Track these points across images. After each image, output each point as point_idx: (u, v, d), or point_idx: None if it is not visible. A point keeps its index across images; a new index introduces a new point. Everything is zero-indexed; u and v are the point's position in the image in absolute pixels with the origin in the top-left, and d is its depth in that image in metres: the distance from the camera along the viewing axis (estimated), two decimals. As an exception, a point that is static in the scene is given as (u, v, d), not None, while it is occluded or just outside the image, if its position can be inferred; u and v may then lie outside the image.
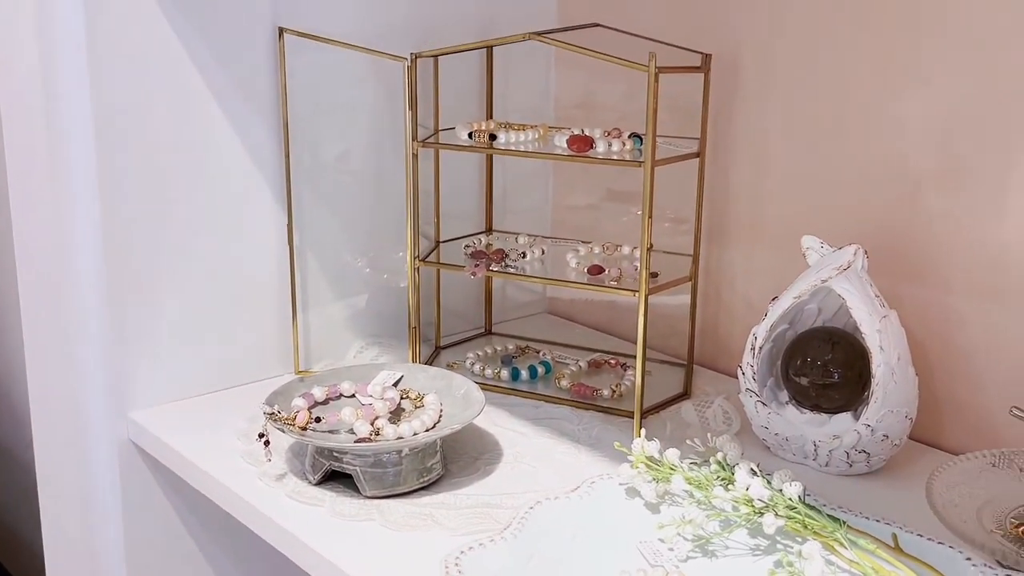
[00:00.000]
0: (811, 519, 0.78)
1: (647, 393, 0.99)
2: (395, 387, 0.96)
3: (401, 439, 0.87)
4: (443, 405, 0.93)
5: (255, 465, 0.92)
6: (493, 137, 1.03)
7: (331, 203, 1.11)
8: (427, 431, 0.88)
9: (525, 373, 1.09)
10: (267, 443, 0.91)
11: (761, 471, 0.83)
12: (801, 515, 0.78)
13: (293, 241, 1.08)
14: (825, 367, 0.92)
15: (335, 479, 0.88)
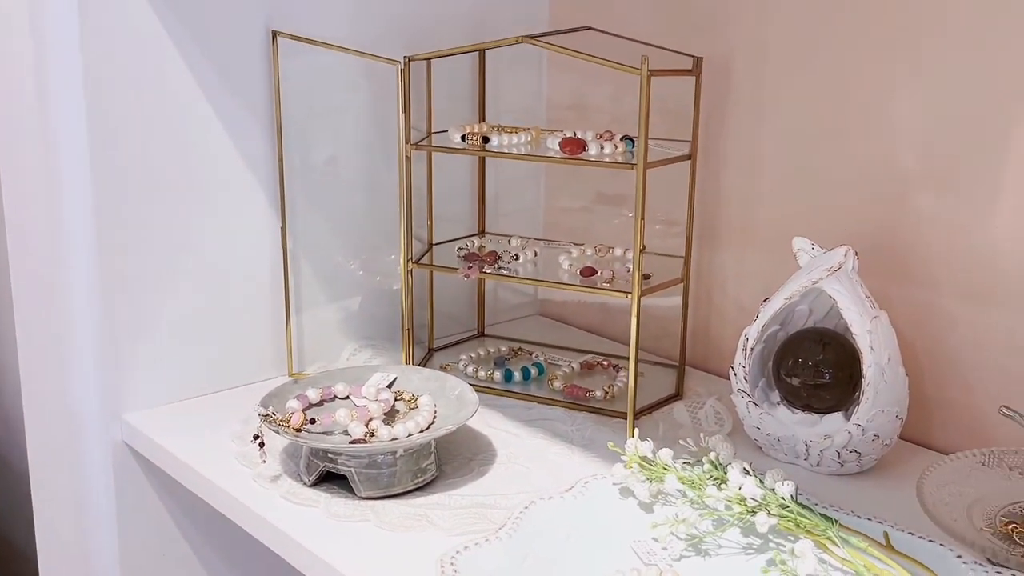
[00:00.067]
0: (803, 518, 0.78)
1: (639, 394, 0.99)
2: (389, 389, 0.96)
3: (396, 440, 0.87)
4: (437, 406, 0.93)
5: (250, 467, 0.92)
6: (486, 140, 1.04)
7: (324, 206, 1.11)
8: (421, 432, 0.89)
9: (518, 375, 1.10)
10: (262, 445, 0.91)
11: (753, 471, 0.83)
12: (793, 514, 0.79)
13: (287, 244, 1.08)
14: (816, 367, 0.92)
15: (330, 480, 0.88)
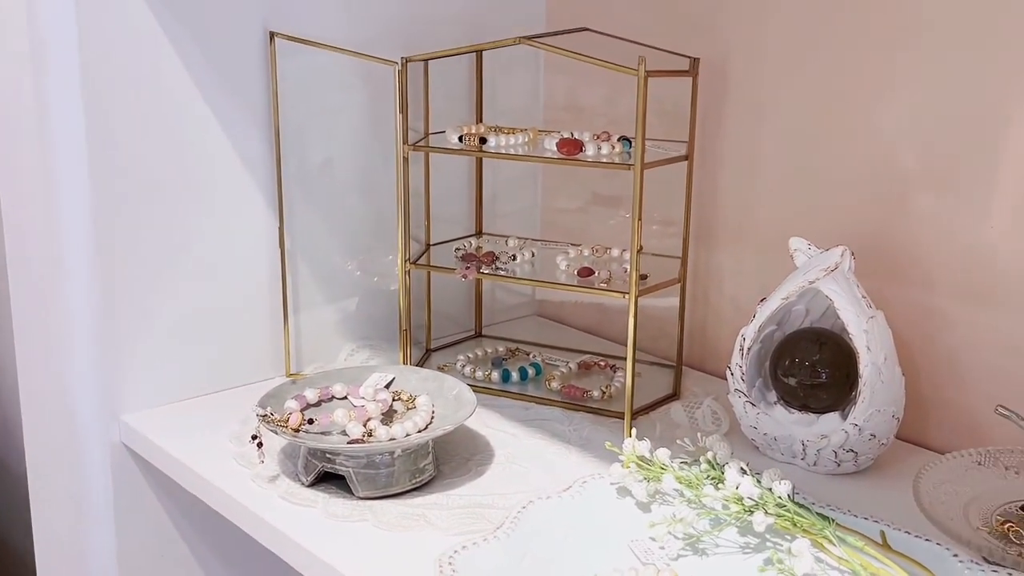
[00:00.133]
0: (800, 517, 0.79)
1: (637, 394, 0.99)
2: (387, 389, 0.96)
3: (394, 440, 0.87)
4: (435, 406, 0.94)
5: (248, 467, 0.92)
6: (483, 140, 1.04)
7: (322, 206, 1.12)
8: (419, 432, 0.89)
9: (516, 375, 1.10)
10: (260, 445, 0.91)
11: (750, 470, 0.83)
12: (790, 513, 0.79)
13: (284, 244, 1.08)
14: (813, 367, 0.93)
15: (328, 480, 0.89)
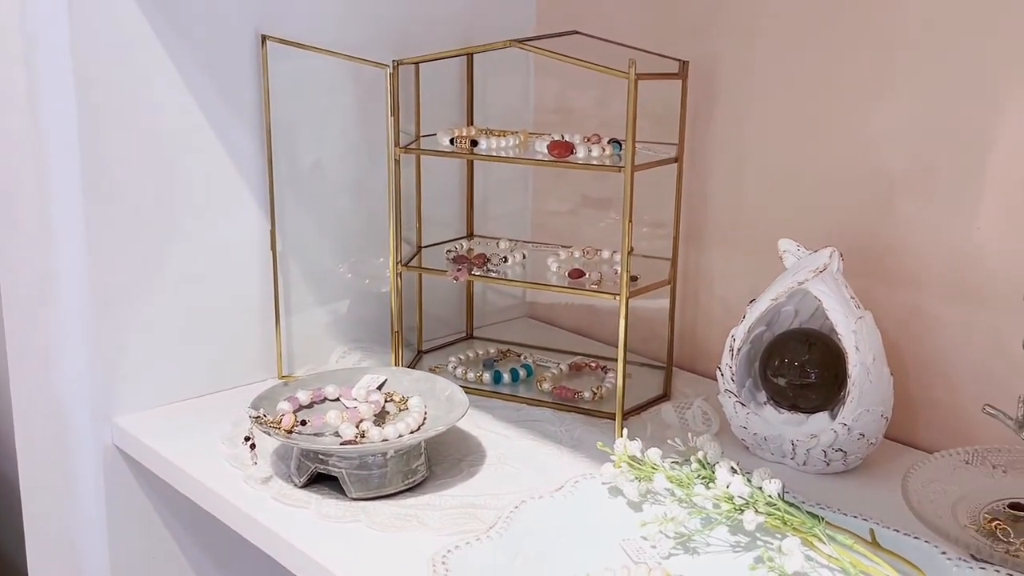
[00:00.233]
0: (790, 515, 0.79)
1: (627, 395, 1.00)
2: (379, 390, 0.97)
3: (386, 441, 0.87)
4: (427, 408, 0.94)
5: (241, 468, 0.92)
6: (474, 143, 1.04)
7: (313, 209, 1.12)
8: (412, 433, 0.89)
9: (507, 376, 1.10)
10: (253, 446, 0.91)
11: (741, 469, 0.84)
12: (781, 512, 0.79)
13: (276, 246, 1.08)
14: (802, 368, 0.93)
15: (320, 481, 0.89)
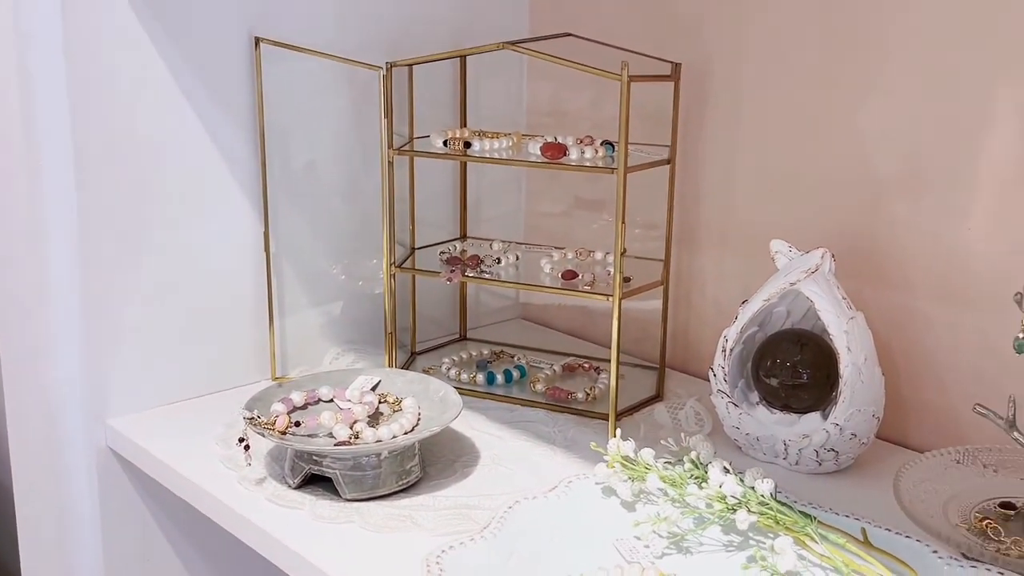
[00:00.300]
0: (783, 515, 0.79)
1: (620, 396, 1.00)
2: (373, 391, 0.97)
3: (380, 442, 0.88)
4: (421, 408, 0.94)
5: (235, 470, 0.92)
6: (468, 145, 1.05)
7: (307, 210, 1.12)
8: (406, 434, 0.89)
9: (500, 377, 1.11)
10: (247, 448, 0.92)
11: (733, 469, 0.84)
12: (773, 511, 0.80)
13: (270, 248, 1.09)
14: (794, 368, 0.94)
15: (315, 482, 0.89)
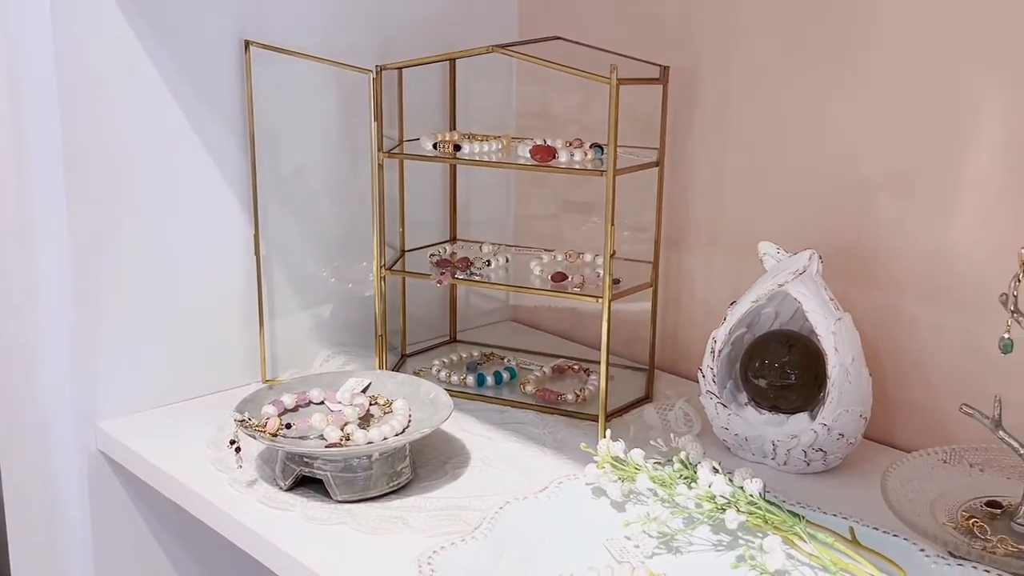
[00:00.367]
0: (771, 514, 0.80)
1: (610, 397, 1.01)
2: (364, 393, 0.97)
3: (371, 444, 0.88)
4: (412, 410, 0.94)
5: (226, 472, 0.92)
6: (458, 147, 1.05)
7: (297, 213, 1.12)
8: (396, 436, 0.90)
9: (490, 379, 1.11)
10: (238, 450, 0.92)
11: (722, 469, 0.85)
12: (762, 511, 0.80)
13: (260, 251, 1.09)
14: (782, 369, 0.94)
15: (306, 484, 0.89)
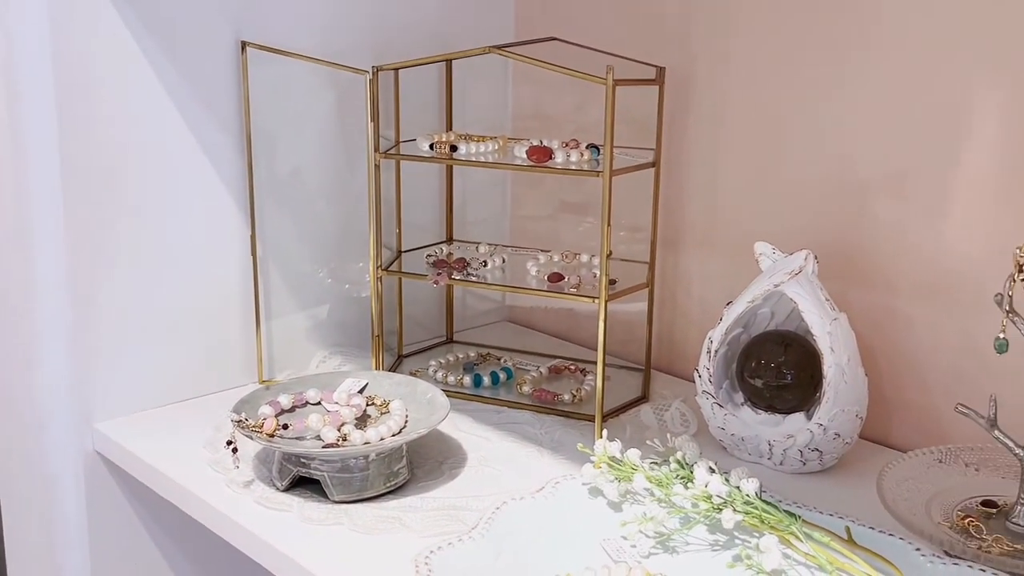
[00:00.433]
0: (768, 514, 0.80)
1: (607, 397, 1.01)
2: (360, 394, 0.97)
3: (368, 444, 0.88)
4: (408, 411, 0.94)
5: (223, 473, 0.92)
6: (454, 148, 1.05)
7: (293, 213, 1.12)
8: (393, 436, 0.90)
9: (487, 379, 1.11)
10: (235, 450, 0.92)
11: (719, 469, 0.85)
12: (758, 510, 0.80)
13: (256, 251, 1.09)
14: (778, 369, 0.95)
15: (302, 485, 0.89)
